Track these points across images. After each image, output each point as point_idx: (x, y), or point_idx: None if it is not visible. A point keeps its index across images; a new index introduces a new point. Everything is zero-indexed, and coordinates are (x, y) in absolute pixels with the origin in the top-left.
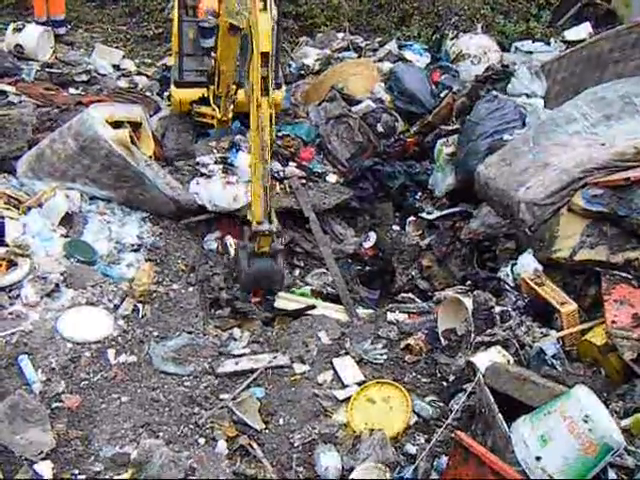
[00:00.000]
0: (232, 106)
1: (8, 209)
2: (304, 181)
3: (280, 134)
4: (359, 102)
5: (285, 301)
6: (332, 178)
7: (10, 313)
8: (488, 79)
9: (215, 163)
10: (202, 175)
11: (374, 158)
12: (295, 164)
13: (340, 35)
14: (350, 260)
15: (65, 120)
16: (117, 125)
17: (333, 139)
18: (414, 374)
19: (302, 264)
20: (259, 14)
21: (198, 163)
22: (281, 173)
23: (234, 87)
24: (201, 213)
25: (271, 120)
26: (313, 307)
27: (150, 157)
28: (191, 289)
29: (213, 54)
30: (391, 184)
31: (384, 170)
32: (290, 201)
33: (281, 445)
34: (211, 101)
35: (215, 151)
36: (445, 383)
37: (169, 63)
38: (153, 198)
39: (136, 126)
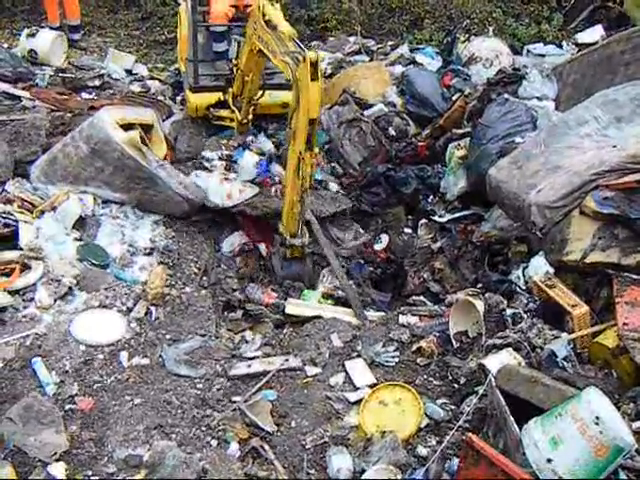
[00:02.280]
0: (253, 108)
1: (22, 213)
2: None
3: None
4: (371, 106)
5: (295, 307)
6: (333, 187)
7: (24, 316)
8: (500, 82)
9: (219, 159)
10: (205, 169)
11: (386, 164)
12: None
13: (352, 39)
14: (362, 261)
15: (78, 124)
16: (128, 128)
17: (345, 143)
18: (426, 376)
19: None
20: (310, 83)
21: (203, 157)
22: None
23: (259, 92)
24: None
25: (311, 168)
26: (319, 317)
27: (163, 158)
28: (204, 292)
29: (234, 60)
30: (404, 190)
31: (397, 176)
32: None
33: (293, 447)
34: (230, 104)
35: (223, 147)
36: (456, 385)
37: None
38: (166, 198)
39: (148, 129)
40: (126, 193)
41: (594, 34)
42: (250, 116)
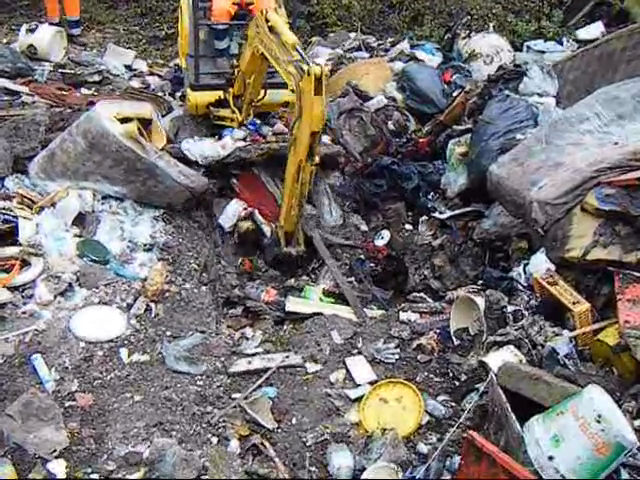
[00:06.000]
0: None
1: (21, 209)
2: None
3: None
4: (372, 98)
5: (295, 304)
6: (325, 138)
7: (24, 312)
8: (500, 78)
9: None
10: None
11: (390, 157)
12: (283, 122)
13: (352, 35)
14: (363, 258)
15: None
16: (125, 121)
17: (345, 133)
18: (426, 373)
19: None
20: (314, 98)
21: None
22: (269, 132)
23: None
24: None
25: (310, 175)
26: (319, 314)
27: (162, 150)
28: (203, 288)
29: (233, 56)
30: (406, 185)
31: (400, 170)
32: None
33: (293, 444)
34: (231, 103)
35: None
36: (457, 382)
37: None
38: (167, 188)
39: (146, 123)
40: (126, 186)
41: (594, 31)
42: (251, 117)
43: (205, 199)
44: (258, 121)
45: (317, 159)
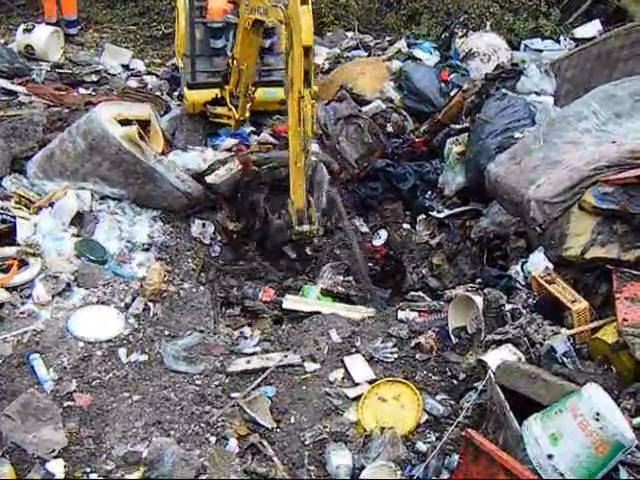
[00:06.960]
0: (249, 105)
1: (19, 209)
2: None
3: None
4: (369, 102)
5: (293, 302)
6: (315, 147)
7: (22, 312)
8: (498, 77)
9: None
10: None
11: (385, 159)
12: (270, 132)
13: (349, 34)
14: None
15: (75, 120)
16: (125, 123)
17: (342, 139)
18: (425, 372)
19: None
20: (299, 7)
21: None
22: (254, 142)
23: (253, 87)
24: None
25: (312, 110)
26: (317, 313)
27: (160, 153)
28: (202, 288)
29: (229, 53)
30: (402, 186)
31: (395, 172)
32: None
33: (292, 443)
34: (227, 101)
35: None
36: (456, 381)
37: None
38: (165, 193)
39: (145, 124)
40: (124, 188)
41: (592, 29)
42: (247, 114)
43: (202, 205)
44: (248, 130)
45: (315, 88)
